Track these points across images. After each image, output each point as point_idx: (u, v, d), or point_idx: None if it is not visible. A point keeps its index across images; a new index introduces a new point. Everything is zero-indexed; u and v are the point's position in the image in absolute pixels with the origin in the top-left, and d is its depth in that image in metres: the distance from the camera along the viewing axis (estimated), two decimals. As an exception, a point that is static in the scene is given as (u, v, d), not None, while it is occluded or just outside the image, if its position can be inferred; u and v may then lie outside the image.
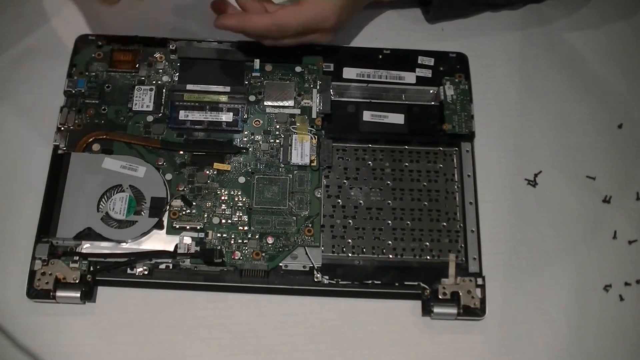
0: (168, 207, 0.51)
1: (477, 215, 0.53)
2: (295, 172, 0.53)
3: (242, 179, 0.53)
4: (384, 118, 0.56)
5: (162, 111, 0.55)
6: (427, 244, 0.52)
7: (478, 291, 0.50)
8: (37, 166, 0.53)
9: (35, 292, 0.48)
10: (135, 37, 0.58)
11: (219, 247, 0.51)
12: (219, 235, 0.51)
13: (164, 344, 0.49)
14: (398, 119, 0.56)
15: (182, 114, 0.55)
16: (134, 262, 0.49)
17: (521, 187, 0.56)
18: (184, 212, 0.51)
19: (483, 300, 0.50)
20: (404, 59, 0.58)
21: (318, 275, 0.50)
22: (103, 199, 0.51)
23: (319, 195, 0.53)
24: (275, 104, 0.55)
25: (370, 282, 0.50)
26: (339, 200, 0.53)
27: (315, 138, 0.54)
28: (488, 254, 0.52)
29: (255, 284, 0.50)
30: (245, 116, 0.55)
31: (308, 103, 0.56)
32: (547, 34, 0.62)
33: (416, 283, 0.51)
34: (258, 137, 0.55)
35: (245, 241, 0.51)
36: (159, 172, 0.52)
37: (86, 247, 0.50)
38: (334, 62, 0.58)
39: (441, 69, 0.58)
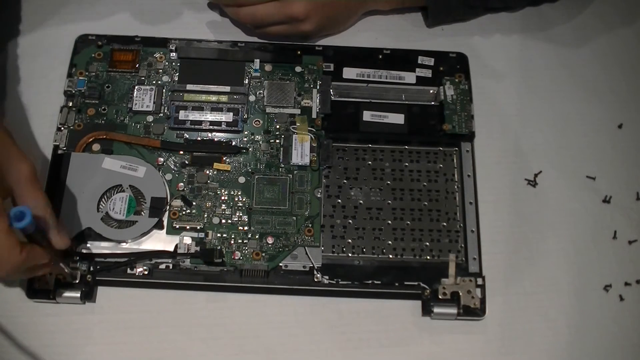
0: (168, 207, 0.51)
1: (477, 215, 0.53)
2: (295, 172, 0.53)
3: (242, 179, 0.53)
4: (384, 118, 0.56)
5: (162, 111, 0.55)
6: (427, 244, 0.52)
7: (478, 291, 0.50)
8: (37, 166, 0.52)
9: (35, 292, 0.48)
10: (135, 37, 0.58)
11: (219, 247, 0.51)
12: (219, 235, 0.51)
13: (164, 344, 0.49)
14: (398, 119, 0.56)
15: (182, 114, 0.55)
16: (134, 262, 0.49)
17: (521, 187, 0.56)
18: (184, 212, 0.52)
19: (483, 300, 0.50)
20: (404, 59, 0.58)
21: (318, 275, 0.50)
22: (103, 199, 0.51)
23: (319, 195, 0.53)
24: (276, 108, 0.56)
25: (370, 282, 0.50)
26: (339, 200, 0.53)
27: (315, 138, 0.54)
28: (488, 254, 0.52)
29: (255, 284, 0.50)
30: (245, 116, 0.55)
31: (308, 103, 0.56)
32: (547, 34, 0.62)
33: (416, 283, 0.51)
34: (258, 137, 0.55)
35: (245, 241, 0.51)
36: (159, 172, 0.52)
37: (86, 247, 0.50)
38: (334, 62, 0.58)
39: (441, 69, 0.58)
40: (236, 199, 0.52)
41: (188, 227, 0.51)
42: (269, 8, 0.55)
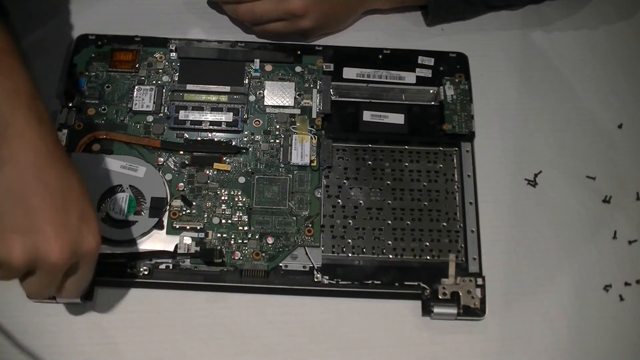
0: (168, 207, 0.51)
1: (477, 215, 0.53)
2: (295, 172, 0.53)
3: (242, 179, 0.53)
4: (384, 118, 0.56)
5: (162, 111, 0.55)
6: (427, 244, 0.52)
7: (478, 291, 0.50)
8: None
9: (35, 292, 0.48)
10: (135, 37, 0.58)
11: (219, 247, 0.51)
12: (219, 235, 0.51)
13: (164, 344, 0.49)
14: (398, 119, 0.56)
15: (182, 114, 0.55)
16: (133, 262, 0.49)
17: (521, 187, 0.56)
18: (184, 212, 0.51)
19: (483, 300, 0.50)
20: (404, 59, 0.58)
21: (318, 275, 0.50)
22: (103, 199, 0.51)
23: (319, 195, 0.53)
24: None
25: (370, 282, 0.50)
26: (339, 200, 0.53)
27: (315, 138, 0.54)
28: (488, 254, 0.52)
29: (255, 284, 0.50)
30: (245, 116, 0.55)
31: (308, 103, 0.56)
32: (547, 34, 0.62)
33: (416, 283, 0.51)
34: (258, 137, 0.55)
35: (245, 241, 0.51)
36: (159, 172, 0.52)
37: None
38: (334, 62, 0.58)
39: (441, 69, 0.58)
40: (236, 199, 0.52)
41: (188, 227, 0.51)
42: (268, 4, 0.55)
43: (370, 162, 0.54)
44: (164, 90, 0.56)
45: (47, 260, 0.39)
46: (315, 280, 0.50)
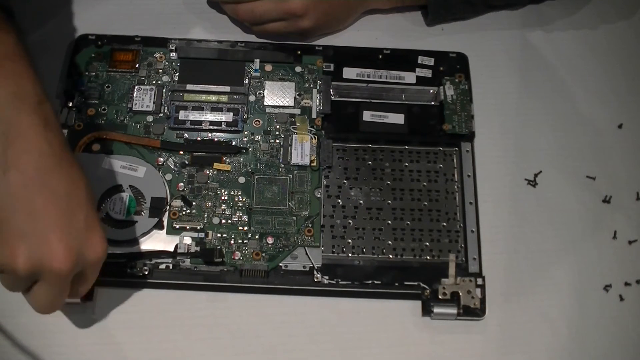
0: (168, 207, 0.51)
1: (477, 215, 0.53)
2: (295, 172, 0.53)
3: (242, 179, 0.53)
4: (384, 118, 0.56)
5: (162, 111, 0.55)
6: (427, 244, 0.52)
7: (478, 291, 0.50)
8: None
9: (35, 292, 0.48)
10: (135, 37, 0.58)
11: (219, 247, 0.51)
12: (219, 235, 0.51)
13: (164, 344, 0.49)
14: (398, 119, 0.56)
15: (182, 114, 0.55)
16: (133, 262, 0.49)
17: (521, 187, 0.56)
18: (184, 212, 0.52)
19: (483, 300, 0.50)
20: (404, 59, 0.58)
21: (318, 275, 0.50)
22: (103, 199, 0.51)
23: (319, 195, 0.53)
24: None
25: (370, 282, 0.50)
26: (339, 200, 0.53)
27: (315, 138, 0.55)
28: (488, 254, 0.52)
29: (255, 284, 0.50)
30: (245, 116, 0.55)
31: (308, 103, 0.56)
32: (547, 34, 0.62)
33: (416, 283, 0.51)
34: (258, 137, 0.55)
35: (245, 241, 0.51)
36: (159, 172, 0.52)
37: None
38: (334, 62, 0.58)
39: (441, 69, 0.58)
40: (236, 199, 0.52)
41: (188, 227, 0.51)
42: (268, 4, 0.55)
43: (370, 162, 0.54)
44: (164, 90, 0.56)
45: (51, 267, 0.39)
46: (315, 280, 0.50)
